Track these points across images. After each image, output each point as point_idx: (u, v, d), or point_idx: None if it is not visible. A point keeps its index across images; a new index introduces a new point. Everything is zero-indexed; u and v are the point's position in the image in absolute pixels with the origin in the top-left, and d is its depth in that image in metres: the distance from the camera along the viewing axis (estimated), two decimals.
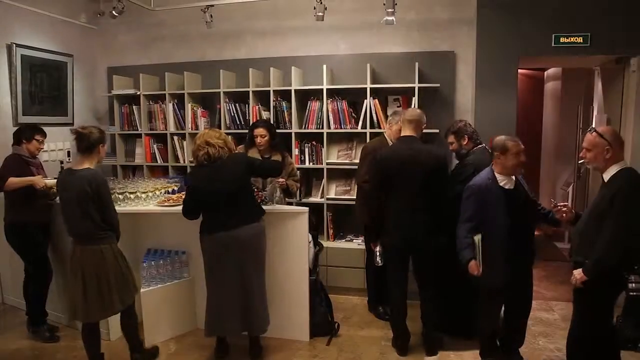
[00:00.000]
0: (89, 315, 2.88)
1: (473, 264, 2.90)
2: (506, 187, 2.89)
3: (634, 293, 2.32)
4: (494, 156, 2.91)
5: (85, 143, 2.86)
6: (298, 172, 4.13)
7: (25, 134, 3.53)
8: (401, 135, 3.26)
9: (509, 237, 2.83)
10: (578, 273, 2.43)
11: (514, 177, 2.94)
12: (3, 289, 4.24)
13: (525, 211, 2.90)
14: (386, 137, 3.71)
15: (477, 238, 2.88)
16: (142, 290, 3.38)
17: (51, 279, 3.61)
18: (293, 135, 4.54)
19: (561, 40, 3.97)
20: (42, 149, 3.64)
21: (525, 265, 2.99)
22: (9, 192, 3.39)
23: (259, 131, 3.77)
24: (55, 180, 3.51)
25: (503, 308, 3.14)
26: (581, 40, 3.94)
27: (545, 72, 6.74)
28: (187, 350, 3.42)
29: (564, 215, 2.69)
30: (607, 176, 2.42)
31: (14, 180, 3.35)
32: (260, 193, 3.51)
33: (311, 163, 4.59)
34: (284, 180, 3.63)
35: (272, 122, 4.51)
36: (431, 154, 3.15)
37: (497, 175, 2.90)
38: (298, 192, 4.40)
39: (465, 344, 3.40)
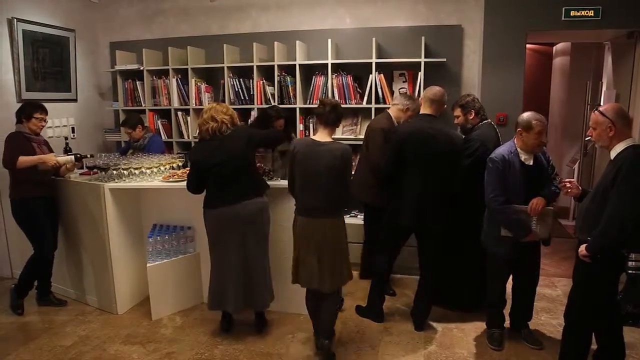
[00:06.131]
0: (324, 285, 2.86)
1: (531, 236, 2.91)
2: (526, 162, 2.90)
3: (633, 271, 2.32)
4: (517, 132, 2.88)
5: (334, 116, 2.82)
6: None
7: (24, 112, 3.52)
8: (421, 112, 3.20)
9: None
10: (581, 249, 2.45)
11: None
12: (12, 264, 4.31)
13: (540, 186, 2.92)
14: (391, 114, 3.67)
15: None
16: (148, 265, 3.43)
17: (46, 256, 3.60)
18: (298, 110, 4.51)
19: (571, 14, 3.89)
20: (43, 126, 3.61)
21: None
22: (18, 170, 3.39)
23: (280, 123, 3.96)
24: (70, 157, 3.56)
25: (511, 283, 3.16)
26: (592, 14, 3.86)
27: (554, 47, 6.62)
28: (193, 324, 3.47)
29: (569, 191, 2.69)
30: (613, 153, 2.41)
31: (24, 159, 3.36)
32: (263, 167, 3.51)
33: None
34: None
35: (276, 97, 4.55)
36: (449, 136, 3.10)
37: (519, 150, 2.90)
38: None
39: (467, 317, 3.44)
